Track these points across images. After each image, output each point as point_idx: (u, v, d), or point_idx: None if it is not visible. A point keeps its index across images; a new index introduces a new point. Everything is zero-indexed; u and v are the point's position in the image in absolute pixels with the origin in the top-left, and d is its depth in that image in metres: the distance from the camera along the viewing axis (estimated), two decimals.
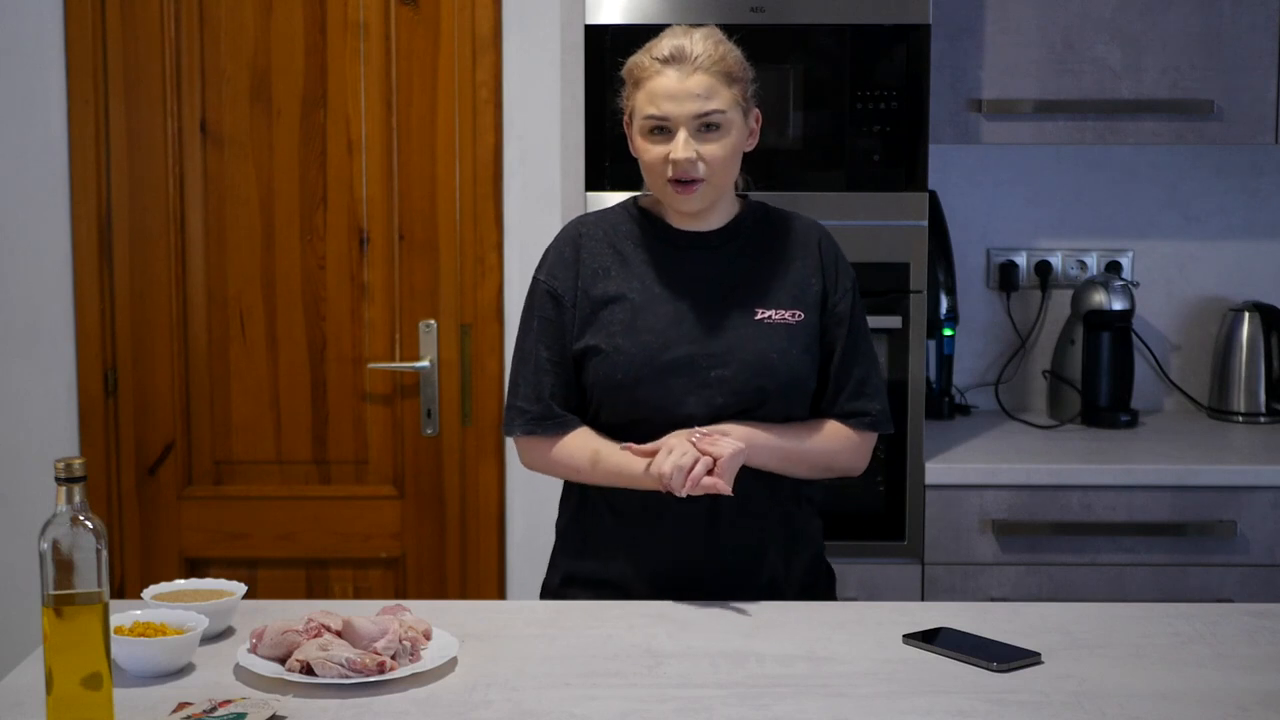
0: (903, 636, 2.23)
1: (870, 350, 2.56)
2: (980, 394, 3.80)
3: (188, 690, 2.02)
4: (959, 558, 3.26)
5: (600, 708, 1.98)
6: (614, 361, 2.43)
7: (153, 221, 3.52)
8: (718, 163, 2.41)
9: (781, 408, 2.46)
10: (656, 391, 2.42)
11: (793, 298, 2.49)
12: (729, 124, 2.41)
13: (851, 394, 2.51)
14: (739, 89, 2.43)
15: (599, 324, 2.46)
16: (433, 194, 3.50)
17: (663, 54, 2.41)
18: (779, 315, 2.47)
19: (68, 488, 1.83)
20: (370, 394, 3.55)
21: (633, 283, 2.47)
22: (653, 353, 2.43)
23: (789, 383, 2.45)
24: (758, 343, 2.45)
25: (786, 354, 2.45)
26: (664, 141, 2.40)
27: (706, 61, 2.40)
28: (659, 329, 2.44)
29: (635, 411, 2.43)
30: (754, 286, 2.49)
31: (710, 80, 2.39)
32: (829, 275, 2.52)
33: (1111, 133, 3.44)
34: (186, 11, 3.47)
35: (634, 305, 2.45)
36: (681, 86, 2.39)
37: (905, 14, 3.18)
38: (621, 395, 2.44)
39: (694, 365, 2.43)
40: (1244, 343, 3.68)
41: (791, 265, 2.51)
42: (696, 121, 2.39)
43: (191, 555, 3.58)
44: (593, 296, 2.47)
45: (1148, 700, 2.00)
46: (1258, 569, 3.25)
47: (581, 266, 2.49)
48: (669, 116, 2.39)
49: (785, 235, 2.53)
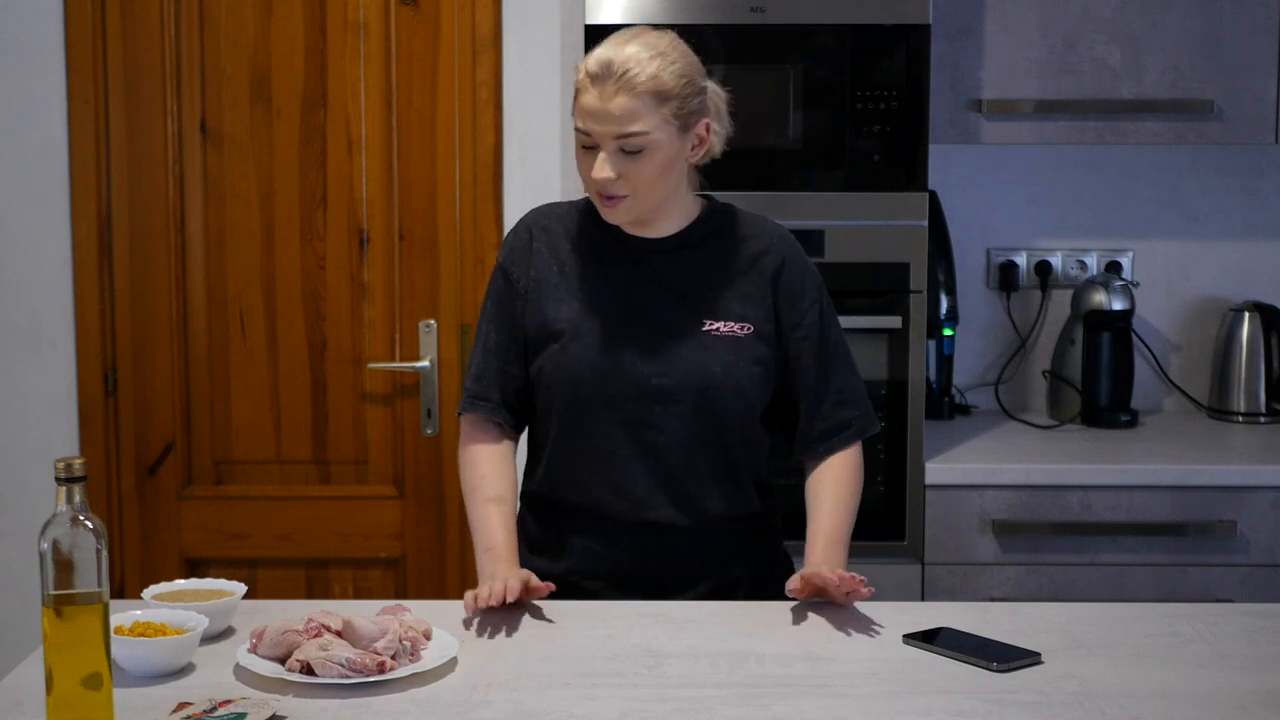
0: (903, 636, 2.23)
1: (845, 355, 2.51)
2: (980, 394, 3.80)
3: (188, 690, 2.02)
4: (959, 558, 3.26)
5: (600, 708, 1.98)
6: (554, 375, 2.42)
7: (153, 221, 3.52)
8: (642, 182, 2.35)
9: (727, 421, 2.43)
10: (599, 402, 2.40)
11: (742, 309, 2.44)
12: (654, 145, 2.32)
13: (833, 406, 2.48)
14: (672, 106, 2.33)
15: (541, 333, 2.45)
16: (433, 194, 3.50)
17: (591, 68, 2.33)
18: (726, 327, 2.42)
19: (68, 488, 1.83)
20: (370, 394, 3.55)
21: (576, 290, 2.44)
22: (594, 359, 2.41)
23: (733, 396, 2.42)
24: (702, 354, 2.41)
25: (731, 367, 2.41)
26: (591, 154, 2.35)
27: (631, 82, 2.30)
28: (596, 343, 2.41)
29: (580, 423, 2.42)
30: (703, 296, 2.44)
31: (632, 102, 2.30)
32: (786, 287, 2.46)
33: (1111, 133, 3.44)
34: (186, 11, 3.47)
35: (577, 313, 2.43)
36: (602, 107, 2.31)
37: (905, 14, 3.18)
38: (565, 407, 2.43)
39: (636, 377, 2.40)
40: (1244, 343, 3.68)
41: (745, 275, 2.45)
42: (616, 143, 2.32)
43: (191, 555, 3.58)
44: (540, 295, 2.45)
45: (1148, 700, 2.00)
46: (1258, 569, 3.25)
47: (534, 257, 2.47)
48: (591, 134, 2.33)
49: (742, 243, 2.47)
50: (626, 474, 2.43)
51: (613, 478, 2.43)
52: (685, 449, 2.42)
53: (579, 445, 2.44)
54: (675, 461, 2.43)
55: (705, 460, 2.44)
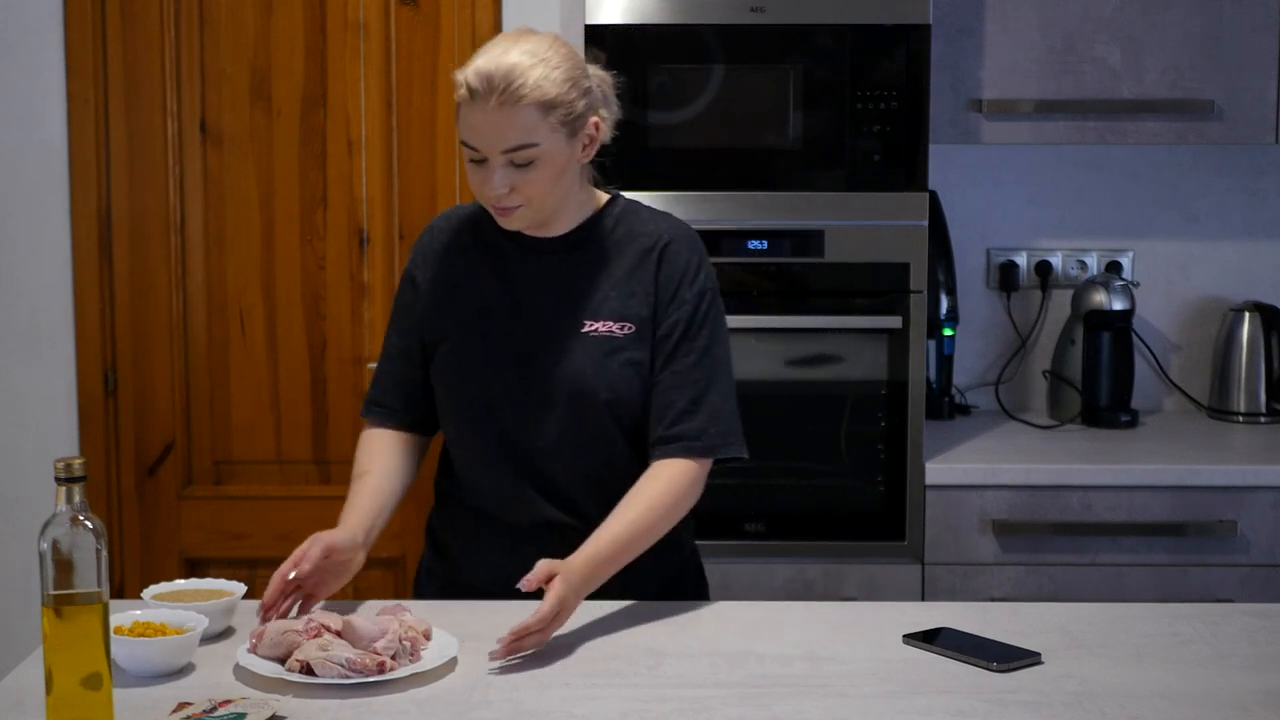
0: (903, 636, 2.23)
1: (715, 365, 2.38)
2: (980, 394, 3.80)
3: (188, 690, 2.02)
4: (959, 558, 3.26)
5: (600, 708, 1.98)
6: (440, 379, 2.42)
7: (153, 221, 3.52)
8: (535, 193, 2.29)
9: (602, 423, 2.37)
10: (480, 408, 2.39)
11: (622, 308, 2.38)
12: (544, 155, 2.27)
13: (680, 415, 2.35)
14: (559, 114, 2.26)
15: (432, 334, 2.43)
16: (433, 194, 3.50)
17: (471, 81, 2.23)
18: (605, 327, 2.37)
19: (68, 488, 1.83)
20: None
21: (468, 292, 2.42)
22: (477, 363, 2.39)
23: (608, 397, 2.36)
24: (577, 356, 2.36)
25: (604, 367, 2.36)
26: (481, 168, 2.29)
27: (515, 94, 2.23)
28: (480, 346, 2.39)
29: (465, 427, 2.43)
30: (587, 296, 2.39)
31: (517, 114, 2.23)
32: (666, 283, 2.38)
33: (1112, 133, 3.44)
34: (186, 11, 3.47)
35: (466, 315, 2.41)
36: (486, 121, 2.24)
37: (905, 14, 3.18)
38: (451, 412, 2.43)
39: (513, 381, 2.37)
40: (1244, 343, 3.68)
41: (629, 273, 2.39)
42: (505, 156, 2.26)
43: (191, 555, 3.57)
44: (434, 296, 2.44)
45: (1148, 700, 2.00)
46: (1258, 569, 3.25)
47: (433, 258, 2.45)
48: (478, 149, 2.27)
49: (633, 240, 2.41)
50: (508, 479, 2.40)
51: (496, 482, 2.41)
52: (562, 454, 2.38)
53: (467, 449, 2.44)
54: (552, 466, 2.39)
55: (582, 464, 2.39)
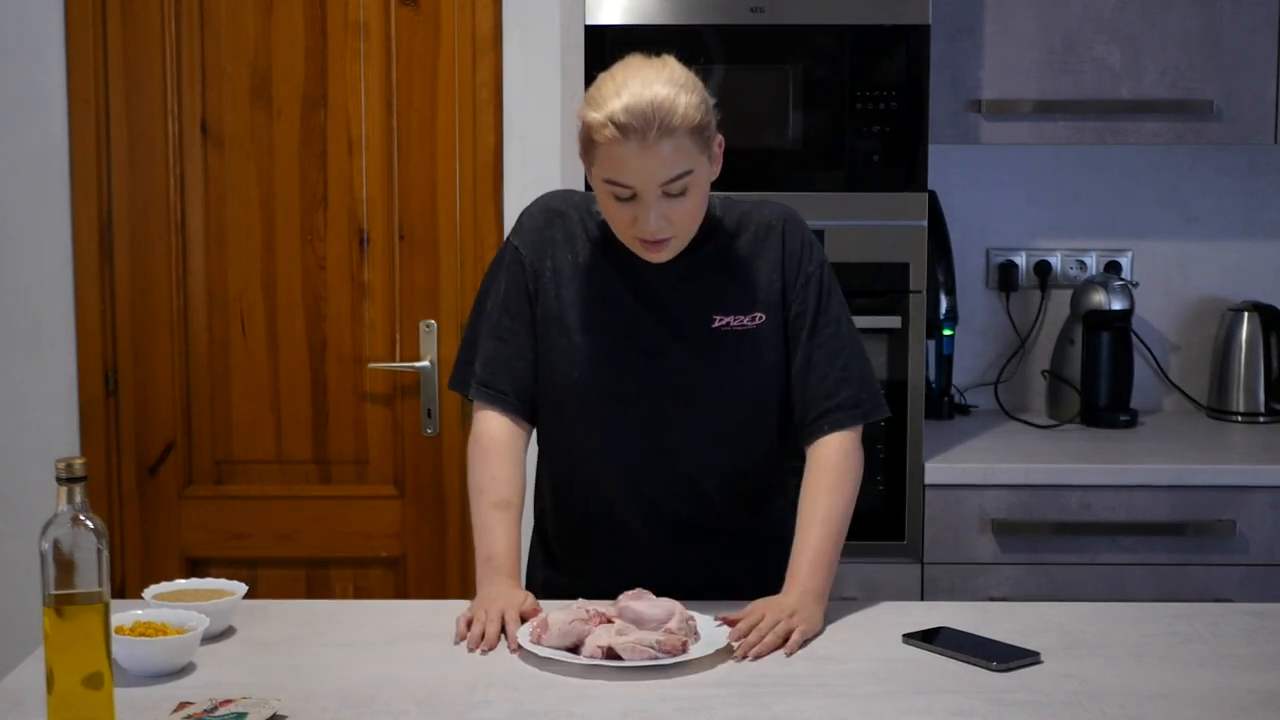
0: (903, 636, 2.23)
1: (852, 331, 2.40)
2: (980, 394, 3.80)
3: (188, 690, 2.02)
4: (959, 557, 3.27)
5: (600, 708, 1.98)
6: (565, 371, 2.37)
7: (153, 221, 3.52)
8: (685, 220, 2.26)
9: (749, 416, 2.38)
10: (611, 401, 2.36)
11: (751, 299, 2.36)
12: (695, 181, 2.23)
13: (835, 385, 2.36)
14: (704, 135, 2.23)
15: (550, 323, 2.38)
16: (433, 194, 3.50)
17: (620, 120, 2.17)
18: (736, 321, 2.36)
19: (68, 488, 1.83)
20: (370, 394, 3.55)
21: (588, 283, 2.37)
22: (606, 355, 2.36)
23: (754, 389, 2.37)
24: (714, 353, 2.35)
25: (740, 360, 2.36)
26: (628, 204, 2.23)
27: (669, 125, 2.18)
28: (606, 339, 2.36)
29: (592, 422, 2.38)
30: (711, 292, 2.37)
31: (674, 144, 2.18)
32: (790, 263, 2.37)
33: (1111, 133, 3.44)
34: (186, 11, 3.47)
35: (588, 306, 2.36)
36: (644, 157, 2.18)
37: (905, 14, 3.19)
38: (577, 406, 2.38)
39: (648, 374, 2.35)
40: (1243, 343, 3.68)
41: (750, 264, 2.37)
42: (661, 189, 2.21)
43: (192, 555, 3.58)
44: (554, 283, 2.38)
45: (1148, 700, 2.01)
46: (1257, 569, 3.25)
47: (549, 244, 2.39)
48: (633, 185, 2.21)
49: (743, 231, 2.39)
50: (640, 474, 2.39)
51: (626, 478, 2.39)
52: (699, 447, 2.38)
53: (591, 445, 2.40)
54: (689, 460, 2.39)
55: (719, 458, 2.40)
